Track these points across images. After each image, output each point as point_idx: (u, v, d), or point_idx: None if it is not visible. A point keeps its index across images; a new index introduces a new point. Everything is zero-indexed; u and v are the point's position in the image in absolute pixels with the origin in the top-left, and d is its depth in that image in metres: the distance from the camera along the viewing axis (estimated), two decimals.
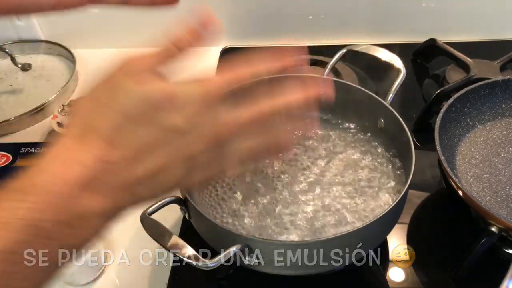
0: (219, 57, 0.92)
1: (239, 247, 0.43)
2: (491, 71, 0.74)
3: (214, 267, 0.41)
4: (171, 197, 0.49)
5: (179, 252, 0.42)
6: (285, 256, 0.44)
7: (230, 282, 0.56)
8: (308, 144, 0.59)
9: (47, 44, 0.96)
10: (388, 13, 0.88)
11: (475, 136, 0.64)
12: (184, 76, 0.36)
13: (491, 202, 0.56)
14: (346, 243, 0.45)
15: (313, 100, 0.35)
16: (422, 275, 0.54)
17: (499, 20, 0.87)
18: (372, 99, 0.58)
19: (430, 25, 0.88)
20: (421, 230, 0.59)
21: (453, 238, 0.58)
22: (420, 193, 0.63)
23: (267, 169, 0.55)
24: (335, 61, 0.64)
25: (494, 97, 0.65)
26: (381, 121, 0.59)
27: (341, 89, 0.62)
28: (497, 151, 0.62)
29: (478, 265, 0.54)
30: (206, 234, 0.50)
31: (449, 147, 0.61)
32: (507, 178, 0.58)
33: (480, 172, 0.59)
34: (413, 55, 0.87)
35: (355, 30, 0.91)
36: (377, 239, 0.49)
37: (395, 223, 0.51)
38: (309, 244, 0.44)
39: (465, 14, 0.87)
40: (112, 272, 0.58)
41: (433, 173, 0.65)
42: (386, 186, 0.55)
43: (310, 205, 0.52)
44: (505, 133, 0.64)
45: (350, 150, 0.59)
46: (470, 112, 0.64)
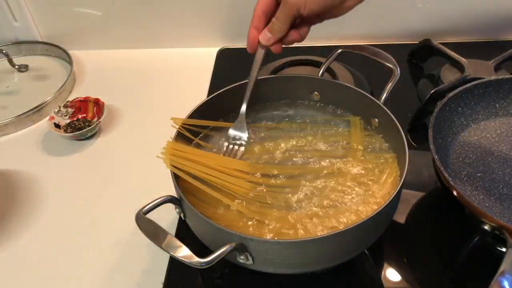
0: (216, 58, 0.92)
1: (233, 245, 0.43)
2: (486, 71, 0.75)
3: (208, 265, 0.42)
4: (166, 197, 0.49)
5: (174, 251, 0.42)
6: (279, 254, 0.45)
7: (226, 281, 0.56)
8: (300, 144, 0.60)
9: (44, 45, 0.97)
10: (383, 13, 0.88)
11: (469, 135, 0.64)
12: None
13: (484, 200, 0.56)
14: (340, 241, 0.45)
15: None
16: (416, 273, 0.55)
17: (493, 20, 0.87)
18: (366, 99, 0.59)
19: (425, 25, 0.89)
20: (416, 229, 0.59)
21: (447, 236, 0.58)
22: (415, 193, 0.63)
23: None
24: (330, 61, 0.64)
25: (488, 97, 0.66)
26: (375, 121, 0.59)
27: (335, 89, 0.63)
28: (491, 150, 0.62)
29: (471, 262, 0.55)
30: (201, 233, 0.51)
31: (443, 146, 0.62)
32: (500, 177, 0.59)
33: (474, 171, 0.60)
34: (408, 55, 0.87)
35: (351, 30, 0.91)
36: (371, 238, 0.50)
37: (389, 222, 0.51)
38: (303, 243, 0.44)
39: (460, 14, 0.87)
40: (108, 272, 0.58)
41: (428, 172, 0.66)
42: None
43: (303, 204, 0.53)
44: (498, 132, 0.64)
45: (343, 150, 0.59)
46: (464, 111, 0.65)
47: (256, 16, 0.53)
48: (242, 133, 0.60)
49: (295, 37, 0.54)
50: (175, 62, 0.94)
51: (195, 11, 0.91)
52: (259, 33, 0.54)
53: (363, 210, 0.51)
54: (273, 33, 0.53)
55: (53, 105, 0.82)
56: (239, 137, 0.60)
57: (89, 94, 0.80)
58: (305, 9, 0.50)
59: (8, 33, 0.96)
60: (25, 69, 0.92)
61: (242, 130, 0.60)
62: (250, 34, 0.54)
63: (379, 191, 0.53)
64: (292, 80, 0.64)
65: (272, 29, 0.53)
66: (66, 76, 0.88)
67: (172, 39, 0.95)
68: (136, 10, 0.92)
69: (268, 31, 0.53)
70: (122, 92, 0.87)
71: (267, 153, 0.59)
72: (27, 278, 0.58)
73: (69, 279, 0.58)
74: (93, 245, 0.61)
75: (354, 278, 0.55)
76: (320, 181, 0.55)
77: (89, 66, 0.95)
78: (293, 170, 0.56)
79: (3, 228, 0.64)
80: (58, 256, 0.60)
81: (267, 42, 0.54)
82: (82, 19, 0.94)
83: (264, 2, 0.53)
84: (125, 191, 0.68)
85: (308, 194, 0.53)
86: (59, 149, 0.76)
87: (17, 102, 0.86)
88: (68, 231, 0.64)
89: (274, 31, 0.53)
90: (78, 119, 0.79)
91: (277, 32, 0.53)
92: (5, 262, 0.60)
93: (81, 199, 0.68)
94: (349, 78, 0.79)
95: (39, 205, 0.67)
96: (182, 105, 0.60)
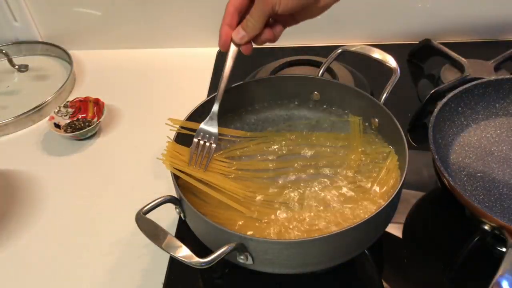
0: (216, 58, 0.92)
1: (233, 245, 0.43)
2: (486, 71, 0.75)
3: (208, 265, 0.42)
4: (166, 197, 0.49)
5: (174, 251, 0.42)
6: (279, 254, 0.45)
7: (226, 281, 0.56)
8: (299, 144, 0.60)
9: (44, 46, 0.97)
10: (383, 13, 0.88)
11: (469, 135, 0.64)
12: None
13: (484, 200, 0.56)
14: (340, 241, 0.45)
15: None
16: (416, 273, 0.55)
17: (493, 20, 0.87)
18: (366, 99, 0.59)
19: (425, 25, 0.89)
20: (416, 229, 0.59)
21: (447, 237, 0.58)
22: (415, 193, 0.63)
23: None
24: (330, 61, 0.64)
25: (488, 97, 0.66)
26: (375, 121, 0.59)
27: (335, 89, 0.63)
28: (491, 150, 0.62)
29: (471, 262, 0.55)
30: (201, 233, 0.51)
31: (443, 146, 0.62)
32: (500, 177, 0.58)
33: (474, 171, 0.60)
34: (408, 55, 0.87)
35: (350, 31, 0.91)
36: (370, 238, 0.50)
37: (388, 222, 0.51)
38: (303, 243, 0.44)
39: (460, 14, 0.87)
40: (108, 272, 0.58)
41: (428, 172, 0.66)
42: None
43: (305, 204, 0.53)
44: (498, 132, 0.64)
45: (343, 150, 0.59)
46: (464, 111, 0.65)
47: (229, 13, 0.51)
48: (212, 129, 0.57)
49: (268, 36, 0.52)
50: (175, 62, 0.94)
51: (195, 11, 0.91)
52: (232, 31, 0.52)
53: (363, 211, 0.51)
54: (247, 30, 0.51)
55: (53, 105, 0.82)
56: (210, 134, 0.57)
57: (89, 94, 0.80)
58: (279, 6, 0.48)
59: (8, 33, 0.96)
60: (25, 69, 0.92)
61: (213, 127, 0.57)
62: (222, 32, 0.52)
63: (379, 191, 0.53)
64: (292, 80, 0.64)
65: (246, 27, 0.51)
66: (66, 76, 0.88)
67: (172, 39, 0.95)
68: (136, 10, 0.92)
69: (242, 29, 0.51)
70: (122, 92, 0.87)
71: (266, 152, 0.59)
72: (27, 278, 0.58)
73: (69, 279, 0.58)
74: (93, 245, 0.61)
75: (354, 278, 0.55)
76: (319, 181, 0.55)
77: (89, 66, 0.95)
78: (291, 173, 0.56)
79: (3, 228, 0.64)
80: (58, 256, 0.60)
81: (240, 40, 0.51)
82: (82, 19, 0.94)
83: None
84: (125, 191, 0.68)
85: (307, 194, 0.53)
86: (59, 149, 0.76)
87: (17, 102, 0.86)
88: (68, 231, 0.64)
89: (248, 28, 0.51)
90: (78, 119, 0.79)
91: (251, 29, 0.51)
92: (5, 262, 0.60)
93: (81, 199, 0.68)
94: (349, 78, 0.79)
95: (39, 205, 0.67)
96: (182, 105, 0.59)
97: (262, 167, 0.57)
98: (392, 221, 0.53)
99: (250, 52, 0.53)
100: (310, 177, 0.56)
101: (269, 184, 0.55)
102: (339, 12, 0.88)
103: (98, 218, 0.65)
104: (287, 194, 0.54)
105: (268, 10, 0.49)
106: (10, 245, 0.62)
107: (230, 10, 0.51)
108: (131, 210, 0.47)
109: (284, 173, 0.57)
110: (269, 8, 0.48)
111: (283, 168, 0.57)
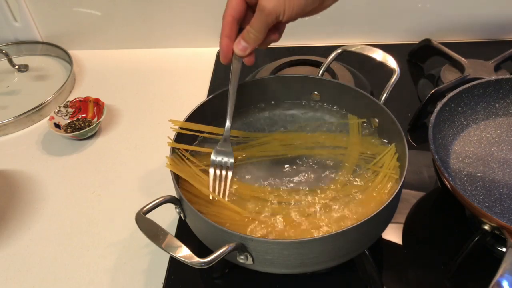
0: (216, 58, 0.92)
1: (233, 245, 0.43)
2: (486, 71, 0.75)
3: (208, 265, 0.42)
4: (166, 197, 0.49)
5: (174, 251, 0.42)
6: (279, 255, 0.45)
7: (226, 281, 0.56)
8: (299, 143, 0.60)
9: (44, 46, 0.97)
10: (383, 13, 0.88)
11: (469, 135, 0.64)
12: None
13: (484, 200, 0.56)
14: (340, 241, 0.45)
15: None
16: (416, 273, 0.55)
17: (493, 20, 0.87)
18: (366, 99, 0.59)
19: (425, 25, 0.89)
20: (416, 229, 0.59)
21: (447, 236, 0.58)
22: (415, 193, 0.63)
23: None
24: (330, 61, 0.64)
25: (488, 97, 0.65)
26: (375, 121, 0.59)
27: (335, 89, 0.63)
28: (491, 150, 0.62)
29: (471, 263, 0.54)
30: (201, 233, 0.51)
31: (443, 146, 0.62)
32: (500, 177, 0.58)
33: (474, 171, 0.60)
34: (408, 55, 0.87)
35: (350, 30, 0.91)
36: (371, 238, 0.50)
37: (389, 221, 0.51)
38: (303, 243, 0.44)
39: (460, 14, 0.87)
40: (108, 272, 0.58)
41: (428, 172, 0.66)
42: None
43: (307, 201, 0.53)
44: (498, 132, 0.64)
45: (343, 150, 0.59)
46: (464, 111, 0.65)
47: (227, 24, 0.48)
48: (227, 156, 0.55)
49: (273, 38, 0.49)
50: (175, 62, 0.94)
51: (195, 11, 0.91)
52: (232, 42, 0.49)
53: (362, 211, 0.51)
54: (249, 42, 0.47)
55: (53, 105, 0.83)
56: (225, 160, 0.55)
57: (89, 94, 0.80)
58: (284, 15, 0.45)
59: (8, 33, 0.96)
60: (25, 69, 0.92)
61: (228, 153, 0.55)
62: (222, 44, 0.49)
63: (379, 191, 0.53)
64: (292, 80, 0.64)
65: (248, 38, 0.47)
66: (66, 76, 0.88)
67: (172, 39, 0.95)
68: (136, 10, 0.92)
69: (244, 40, 0.48)
70: (122, 92, 0.87)
71: (265, 153, 0.59)
72: (27, 278, 0.58)
73: (69, 279, 0.58)
74: (93, 245, 0.61)
75: (354, 278, 0.55)
76: (319, 181, 0.55)
77: (89, 66, 0.95)
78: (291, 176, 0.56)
79: (3, 228, 0.64)
80: (58, 256, 0.60)
81: (243, 53, 0.49)
82: (82, 19, 0.94)
83: (234, 8, 0.47)
84: (125, 191, 0.68)
85: (307, 194, 0.53)
86: (59, 149, 0.76)
87: (17, 102, 0.86)
88: (68, 231, 0.64)
89: (250, 40, 0.47)
90: (78, 119, 0.79)
91: (253, 41, 0.47)
92: (5, 262, 0.60)
93: (81, 199, 0.68)
94: (349, 78, 0.79)
95: (39, 205, 0.67)
96: (182, 105, 0.60)
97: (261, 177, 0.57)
98: (392, 221, 0.53)
99: (253, 62, 0.51)
100: (309, 177, 0.56)
101: (268, 185, 0.55)
102: (339, 12, 0.89)
103: (98, 218, 0.65)
104: (286, 194, 0.54)
105: (272, 21, 0.46)
106: (10, 245, 0.62)
107: (228, 20, 0.48)
108: (131, 210, 0.47)
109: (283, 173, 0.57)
110: (273, 18, 0.45)
111: (283, 168, 0.57)
